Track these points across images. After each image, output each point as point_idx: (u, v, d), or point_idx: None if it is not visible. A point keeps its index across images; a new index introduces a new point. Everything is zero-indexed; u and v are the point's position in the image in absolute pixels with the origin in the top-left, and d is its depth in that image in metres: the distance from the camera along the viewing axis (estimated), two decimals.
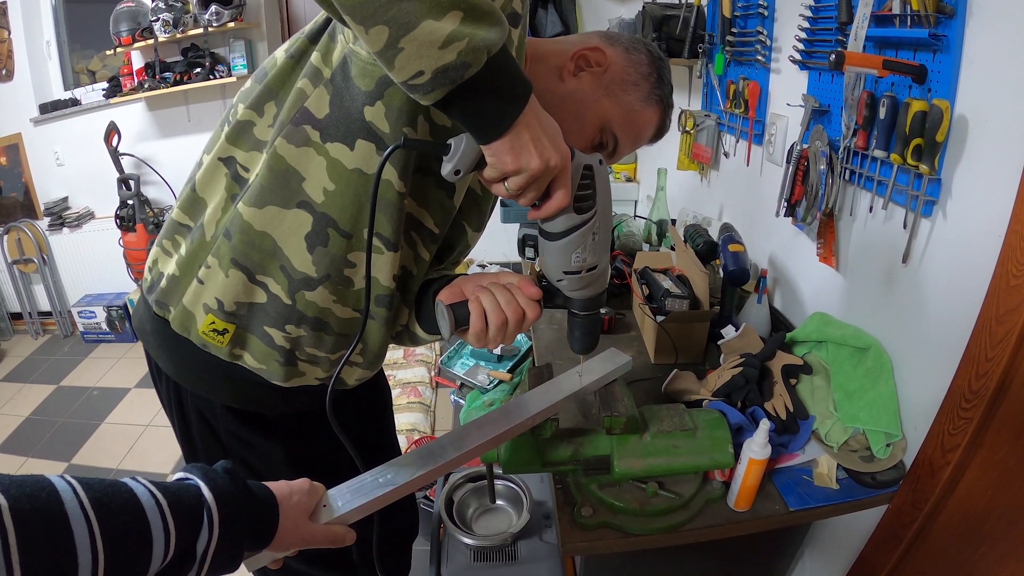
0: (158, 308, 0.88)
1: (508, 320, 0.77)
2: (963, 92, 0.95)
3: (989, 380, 0.91)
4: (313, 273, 0.80)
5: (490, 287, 0.80)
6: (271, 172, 0.74)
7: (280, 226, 0.77)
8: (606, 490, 1.02)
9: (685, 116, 2.07)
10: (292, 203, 0.76)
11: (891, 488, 1.08)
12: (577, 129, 0.87)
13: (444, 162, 0.66)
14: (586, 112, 0.87)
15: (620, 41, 0.90)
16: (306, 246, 0.78)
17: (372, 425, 1.25)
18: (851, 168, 1.20)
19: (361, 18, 0.52)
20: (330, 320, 0.85)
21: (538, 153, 0.63)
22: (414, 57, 0.54)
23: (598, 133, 0.88)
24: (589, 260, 0.74)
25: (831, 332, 1.26)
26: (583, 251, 0.73)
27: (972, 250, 0.96)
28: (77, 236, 3.75)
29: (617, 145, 0.90)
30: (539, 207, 0.69)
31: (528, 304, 0.78)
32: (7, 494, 0.41)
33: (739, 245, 1.47)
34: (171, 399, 0.96)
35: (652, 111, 0.90)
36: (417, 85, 0.56)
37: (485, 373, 2.69)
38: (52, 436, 2.86)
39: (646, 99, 0.89)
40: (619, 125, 0.88)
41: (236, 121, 0.77)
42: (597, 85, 0.86)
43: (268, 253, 0.79)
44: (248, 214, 0.76)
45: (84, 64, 3.74)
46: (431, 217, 0.84)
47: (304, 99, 0.71)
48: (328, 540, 0.68)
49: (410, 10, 0.51)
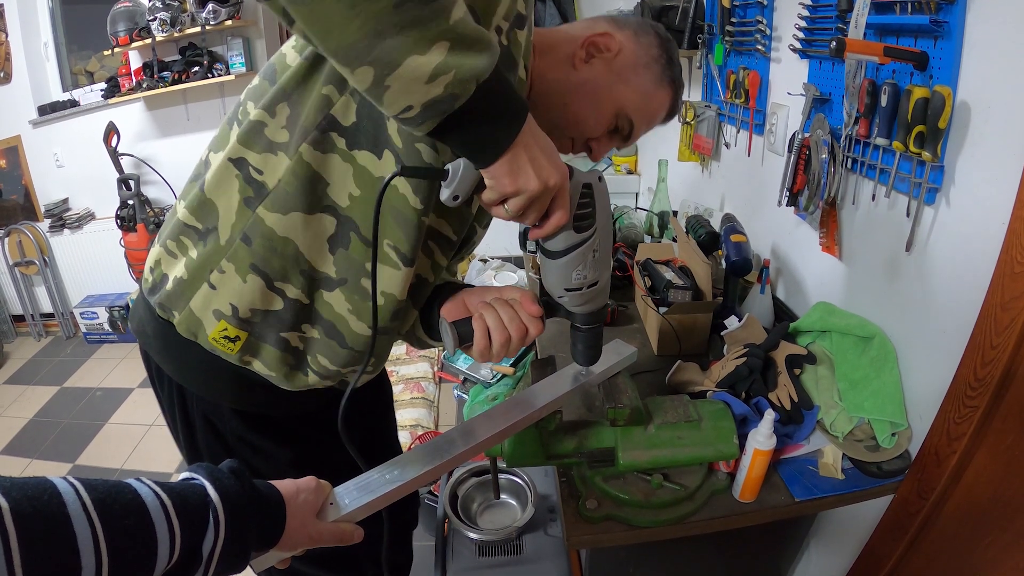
0: (162, 311, 0.85)
1: (511, 337, 0.78)
2: (965, 78, 0.94)
3: (994, 368, 0.91)
4: (333, 274, 0.80)
5: (493, 303, 0.80)
6: (296, 178, 0.73)
7: (305, 232, 0.76)
8: (611, 482, 1.01)
9: (685, 107, 2.06)
10: (317, 208, 0.75)
11: (897, 478, 1.08)
12: (593, 116, 0.87)
13: (443, 187, 0.66)
14: (602, 99, 0.86)
15: (628, 24, 0.90)
16: (328, 247, 0.78)
17: (375, 424, 1.25)
18: (853, 156, 1.20)
19: (345, 60, 0.52)
20: (344, 331, 0.84)
21: (536, 174, 0.63)
22: (401, 93, 0.53)
23: (614, 119, 0.88)
24: (590, 277, 0.75)
25: (835, 321, 1.26)
26: (584, 268, 0.74)
27: (976, 237, 0.95)
28: (78, 237, 3.74)
29: (632, 129, 0.90)
30: (540, 226, 0.69)
31: (531, 321, 0.79)
32: (8, 496, 0.41)
33: (741, 235, 1.47)
34: (173, 403, 0.94)
35: (664, 93, 0.90)
36: (408, 119, 0.56)
37: (488, 368, 2.69)
38: (56, 437, 2.86)
39: (658, 81, 0.89)
40: (634, 109, 0.88)
41: (247, 121, 0.75)
42: (609, 71, 0.86)
43: (290, 259, 0.78)
44: (271, 220, 0.75)
45: (82, 65, 3.74)
46: (450, 226, 0.84)
47: (330, 106, 0.70)
48: (336, 538, 0.68)
49: (394, 47, 0.51)
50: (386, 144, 0.72)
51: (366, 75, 0.52)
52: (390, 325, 0.86)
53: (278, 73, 0.74)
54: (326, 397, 0.94)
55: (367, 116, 0.71)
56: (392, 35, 0.50)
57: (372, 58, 0.51)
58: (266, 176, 0.75)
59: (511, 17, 0.67)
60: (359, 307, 0.82)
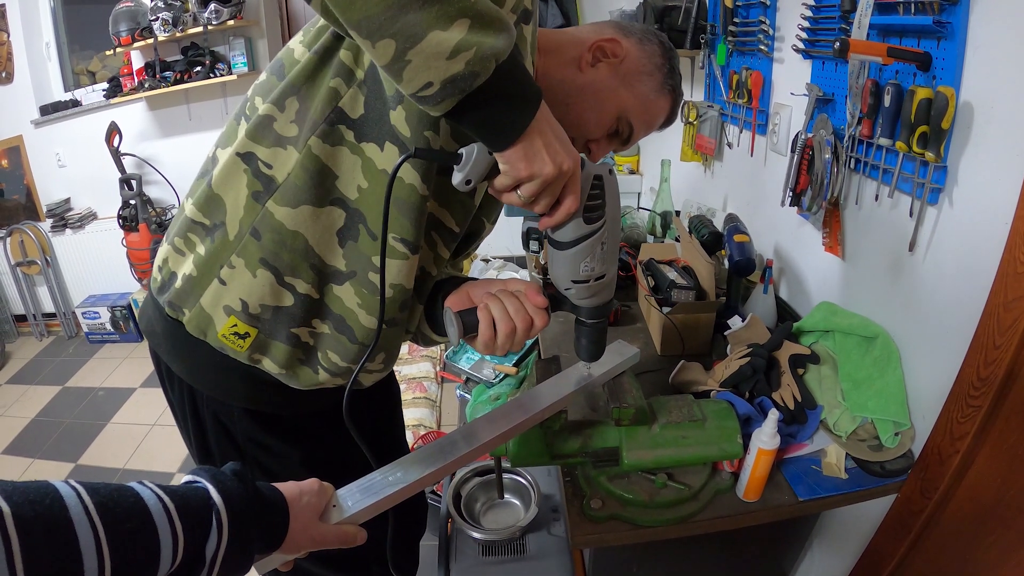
0: (171, 309, 0.85)
1: (517, 328, 0.78)
2: (968, 79, 0.94)
3: (998, 367, 0.91)
4: (343, 267, 0.80)
5: (499, 295, 0.80)
6: (305, 171, 0.74)
7: (314, 225, 0.77)
8: (615, 482, 1.02)
9: (688, 107, 2.06)
10: (326, 201, 0.76)
11: (900, 477, 1.08)
12: (596, 118, 0.89)
13: (455, 172, 0.66)
14: (605, 102, 0.88)
15: (633, 32, 0.92)
16: (338, 240, 0.79)
17: (384, 424, 1.25)
18: (856, 157, 1.20)
19: (367, 32, 0.52)
20: (354, 326, 0.84)
21: (551, 158, 0.63)
22: (422, 69, 0.53)
23: (615, 122, 0.90)
24: (598, 270, 0.75)
25: (838, 321, 1.26)
26: (592, 260, 0.74)
27: (979, 237, 0.95)
28: (80, 237, 3.75)
29: (632, 132, 0.92)
30: (551, 214, 0.69)
31: (536, 312, 0.79)
32: (10, 501, 0.41)
33: (744, 235, 1.47)
34: (184, 403, 0.94)
35: (664, 100, 0.93)
36: (426, 96, 0.56)
37: (491, 367, 2.69)
38: (58, 437, 2.87)
39: (659, 89, 0.92)
40: (635, 114, 0.91)
41: (256, 116, 0.75)
42: (614, 75, 0.88)
43: (299, 253, 0.78)
44: (281, 214, 0.76)
45: (84, 65, 3.74)
46: (452, 217, 0.85)
47: (338, 99, 0.71)
48: (339, 540, 0.68)
49: (416, 22, 0.51)
50: (389, 136, 0.72)
51: (387, 48, 0.52)
52: (398, 316, 0.87)
53: (286, 68, 0.75)
54: (336, 396, 0.94)
55: (373, 108, 0.71)
56: (415, 9, 0.51)
57: (394, 31, 0.51)
58: (275, 170, 0.75)
59: (518, 10, 0.67)
60: (368, 301, 0.83)
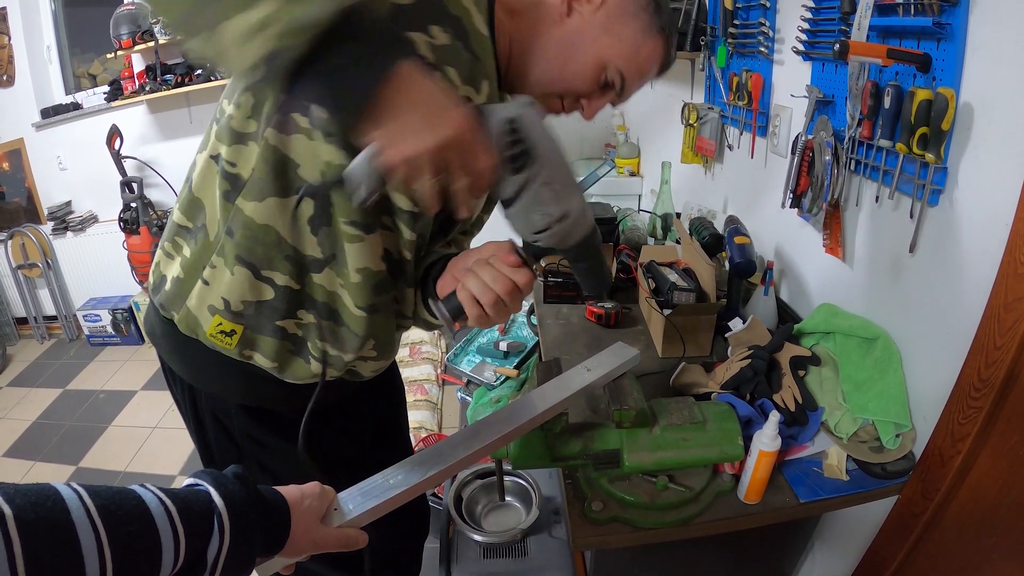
0: (164, 311, 0.88)
1: (500, 295, 0.75)
2: (968, 80, 0.95)
3: (998, 369, 0.91)
4: (319, 255, 0.80)
5: (473, 267, 0.78)
6: (267, 164, 0.74)
7: (282, 216, 0.77)
8: (616, 484, 1.02)
9: (688, 109, 2.06)
10: (291, 191, 0.76)
11: (901, 479, 1.08)
12: (577, 70, 0.83)
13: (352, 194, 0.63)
14: (585, 51, 0.82)
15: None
16: (310, 229, 0.79)
17: (387, 423, 1.25)
18: (856, 158, 1.20)
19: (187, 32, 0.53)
20: (341, 310, 0.85)
21: (428, 128, 0.58)
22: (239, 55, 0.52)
23: (601, 71, 0.84)
24: (555, 212, 0.69)
25: (839, 323, 1.26)
26: (543, 206, 0.68)
27: (980, 238, 0.95)
28: (81, 240, 3.75)
29: (624, 83, 0.85)
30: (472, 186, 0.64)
31: (514, 272, 0.75)
32: (12, 503, 0.41)
33: (745, 237, 1.47)
34: (185, 401, 0.96)
35: (655, 41, 0.85)
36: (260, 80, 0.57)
37: (492, 370, 2.69)
38: (60, 440, 2.87)
39: (647, 30, 0.84)
40: (623, 61, 0.84)
41: (223, 118, 0.77)
42: (592, 22, 0.82)
43: (272, 245, 0.79)
44: (249, 209, 0.77)
45: (85, 68, 3.74)
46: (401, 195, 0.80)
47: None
48: (341, 544, 0.68)
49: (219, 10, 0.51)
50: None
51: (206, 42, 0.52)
52: (378, 300, 0.86)
53: None
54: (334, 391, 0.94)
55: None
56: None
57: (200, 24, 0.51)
58: (240, 167, 0.76)
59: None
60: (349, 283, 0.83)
